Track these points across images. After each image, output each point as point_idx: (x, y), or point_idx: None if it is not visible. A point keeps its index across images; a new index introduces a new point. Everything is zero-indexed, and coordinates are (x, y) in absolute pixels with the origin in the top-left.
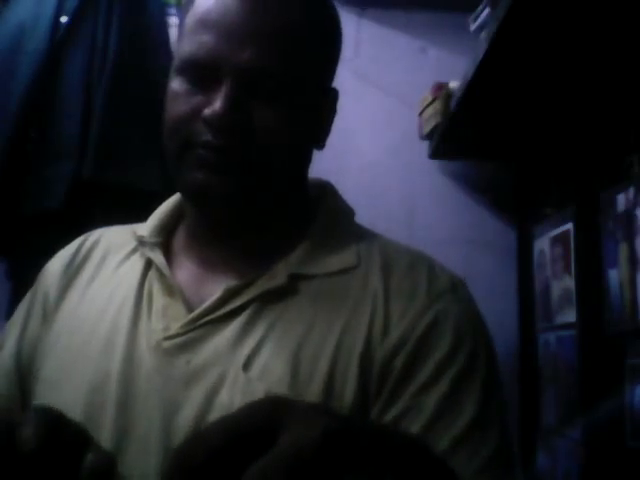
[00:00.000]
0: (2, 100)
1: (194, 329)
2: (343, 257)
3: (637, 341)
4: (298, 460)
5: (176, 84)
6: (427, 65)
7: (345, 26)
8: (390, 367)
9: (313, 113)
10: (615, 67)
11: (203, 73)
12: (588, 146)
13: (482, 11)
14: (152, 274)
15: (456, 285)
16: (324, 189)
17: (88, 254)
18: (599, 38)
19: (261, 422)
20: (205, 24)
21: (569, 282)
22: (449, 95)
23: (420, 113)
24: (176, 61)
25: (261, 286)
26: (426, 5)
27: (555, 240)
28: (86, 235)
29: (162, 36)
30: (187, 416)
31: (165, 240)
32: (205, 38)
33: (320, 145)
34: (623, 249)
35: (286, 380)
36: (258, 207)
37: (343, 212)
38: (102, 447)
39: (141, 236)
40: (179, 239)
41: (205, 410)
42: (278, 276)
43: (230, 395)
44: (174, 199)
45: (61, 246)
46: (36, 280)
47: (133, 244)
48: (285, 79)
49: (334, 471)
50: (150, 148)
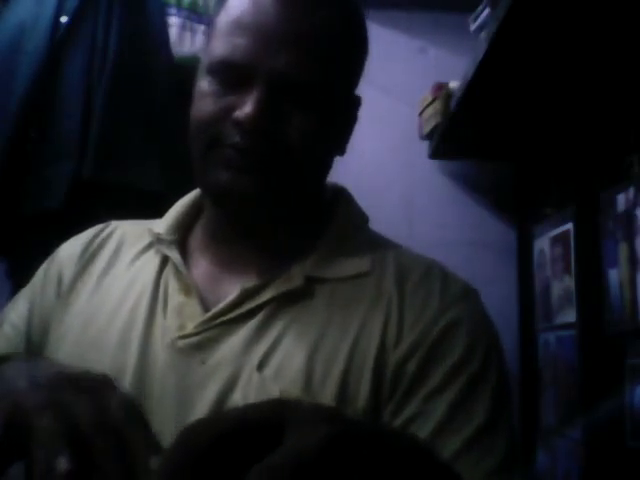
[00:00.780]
0: (2, 100)
1: (209, 329)
2: (358, 262)
3: (637, 341)
4: (304, 460)
5: (206, 84)
6: (427, 65)
7: None
8: (402, 371)
9: (340, 121)
10: (615, 67)
11: (235, 75)
12: (588, 146)
13: (482, 11)
14: (168, 271)
15: (469, 293)
16: (340, 194)
17: (103, 243)
18: (599, 38)
19: (268, 417)
20: (240, 26)
21: (569, 282)
22: (449, 95)
23: (420, 113)
24: (206, 61)
25: (277, 288)
26: (426, 5)
27: (555, 240)
28: (102, 225)
29: (162, 36)
30: (200, 415)
31: (181, 238)
32: (240, 40)
33: (342, 152)
34: (623, 249)
35: (300, 382)
36: (279, 209)
37: (358, 218)
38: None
39: (158, 233)
40: (196, 237)
41: (219, 409)
42: (294, 278)
43: (244, 395)
44: (190, 197)
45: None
46: (46, 262)
47: (148, 239)
48: (317, 86)
49: (338, 473)
50: (150, 148)
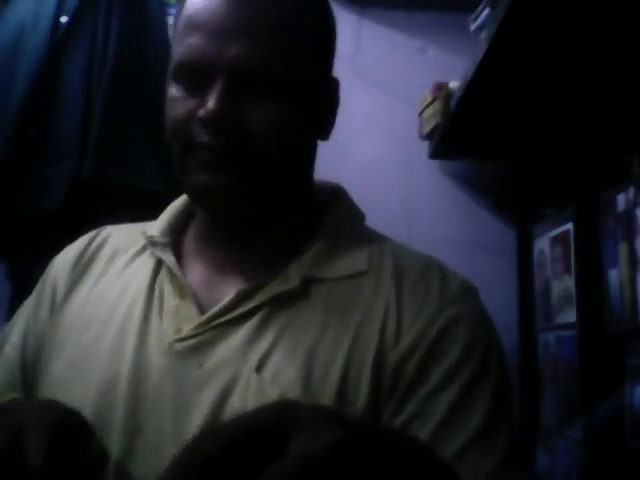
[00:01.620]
0: (2, 100)
1: (206, 331)
2: (354, 261)
3: (637, 341)
4: (311, 466)
5: (172, 90)
6: (427, 65)
7: (345, 26)
8: (402, 371)
9: (310, 106)
10: (615, 67)
11: (196, 75)
12: (588, 146)
13: (482, 11)
14: (163, 275)
15: (468, 291)
16: (335, 192)
17: (97, 250)
18: (599, 38)
19: (273, 422)
20: (193, 26)
21: (569, 282)
22: (449, 95)
23: (420, 113)
24: (170, 67)
25: (273, 289)
26: (426, 5)
27: (555, 240)
28: (95, 231)
29: (162, 36)
30: (199, 418)
31: (175, 241)
32: (193, 40)
33: (324, 137)
34: (623, 249)
35: (298, 383)
36: (263, 204)
37: (354, 215)
38: (100, 442)
39: (152, 236)
40: (189, 240)
41: (217, 412)
42: (291, 279)
43: (242, 397)
44: (183, 199)
45: (61, 246)
46: (44, 274)
47: (142, 243)
48: (276, 74)
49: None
50: (150, 148)
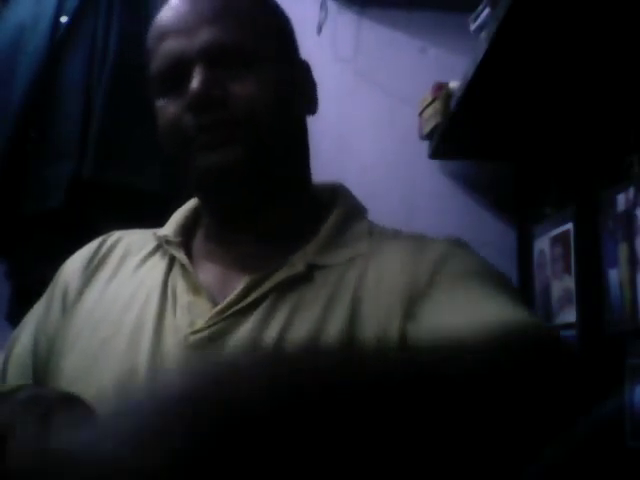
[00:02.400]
0: (2, 100)
1: (219, 321)
2: (355, 248)
3: (637, 341)
4: None
5: (159, 103)
6: (427, 65)
7: (345, 26)
8: (412, 301)
9: (286, 82)
10: (615, 67)
11: (176, 77)
12: (588, 146)
13: (482, 11)
14: (175, 273)
15: (459, 240)
16: (338, 190)
17: (108, 252)
18: (599, 38)
19: None
20: (159, 38)
21: (569, 282)
22: (449, 95)
23: (420, 113)
24: (151, 86)
25: (280, 276)
26: (426, 5)
27: (555, 240)
28: (106, 235)
29: None
30: None
31: (185, 242)
32: (166, 45)
33: (311, 111)
34: (623, 249)
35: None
36: (264, 179)
37: (357, 209)
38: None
39: (165, 235)
40: (197, 242)
41: None
42: (296, 265)
43: None
44: (190, 203)
45: (61, 246)
46: (53, 279)
47: (153, 245)
48: (246, 49)
49: None
50: (150, 148)
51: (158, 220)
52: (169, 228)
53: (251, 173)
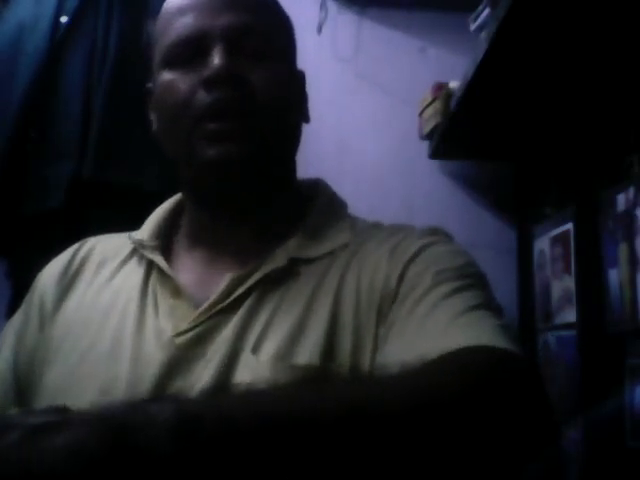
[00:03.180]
0: (2, 100)
1: (204, 322)
2: (337, 241)
3: (637, 341)
4: None
5: (166, 76)
6: (427, 65)
7: (345, 26)
8: (387, 299)
9: (291, 83)
10: (615, 67)
11: (192, 48)
12: (588, 146)
13: (482, 11)
14: (154, 277)
15: (437, 229)
16: (317, 185)
17: (84, 260)
18: (599, 38)
19: None
20: (180, 11)
21: (569, 282)
22: (449, 95)
23: (420, 113)
24: (159, 56)
25: (262, 271)
26: (426, 5)
27: (555, 240)
28: (80, 243)
29: None
30: None
31: (164, 242)
32: (185, 20)
33: (305, 120)
34: (623, 249)
35: (288, 358)
36: (265, 173)
37: (336, 204)
38: None
39: (140, 240)
40: (178, 243)
41: None
42: (278, 260)
43: (242, 379)
44: (169, 204)
45: (61, 246)
46: (30, 288)
47: (129, 248)
48: (266, 37)
49: None
50: (150, 148)
51: None
52: (145, 231)
53: (252, 170)
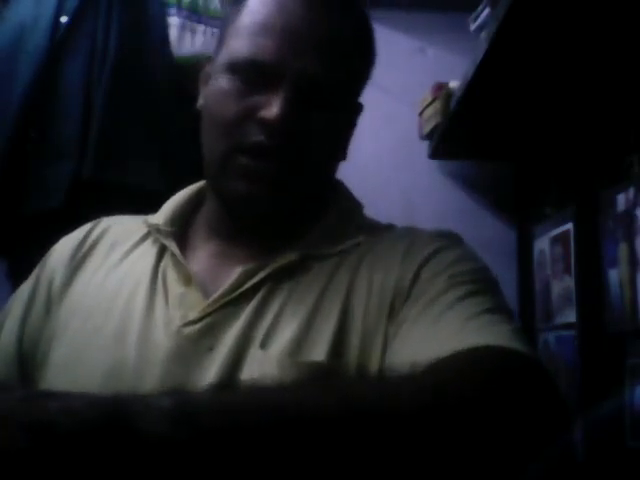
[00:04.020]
0: (2, 100)
1: (212, 313)
2: (350, 238)
3: (637, 341)
4: None
5: (226, 82)
6: (427, 65)
7: None
8: (399, 297)
9: (349, 125)
10: (615, 67)
11: (261, 75)
12: (588, 146)
13: (482, 11)
14: (166, 262)
15: (451, 233)
16: (336, 186)
17: (97, 240)
18: (599, 38)
19: None
20: (265, 27)
21: (569, 282)
22: (449, 95)
23: (420, 113)
24: (226, 59)
25: (274, 265)
26: (426, 5)
27: (555, 240)
28: (94, 222)
29: (162, 36)
30: None
31: (180, 231)
32: (266, 41)
33: (344, 157)
34: (623, 249)
35: (297, 353)
36: (290, 209)
37: (353, 205)
38: None
39: (156, 224)
40: (194, 231)
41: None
42: (290, 255)
43: (249, 374)
44: (188, 191)
45: None
46: (40, 263)
47: (143, 232)
48: (339, 90)
49: None
50: (150, 148)
51: None
52: (161, 216)
53: (288, 204)
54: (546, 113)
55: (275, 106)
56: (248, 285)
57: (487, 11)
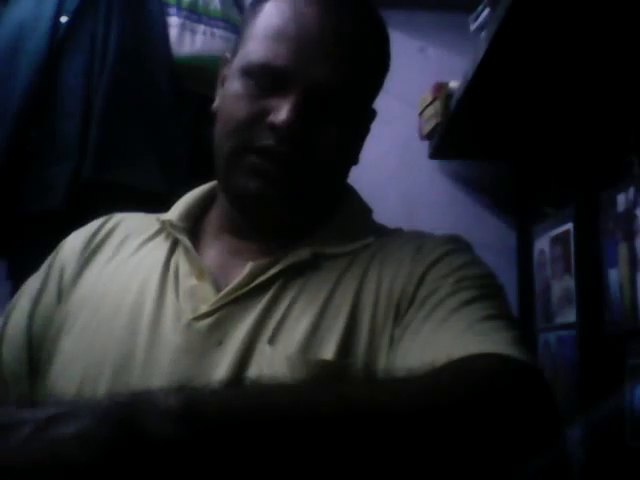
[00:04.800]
0: (2, 100)
1: (223, 307)
2: (360, 239)
3: (637, 341)
4: None
5: (239, 85)
6: (427, 65)
7: None
8: (405, 301)
9: (361, 133)
10: (615, 67)
11: (273, 79)
12: (588, 146)
13: (482, 11)
14: (178, 256)
15: (459, 238)
16: (347, 190)
17: (109, 233)
18: (599, 38)
19: None
20: (279, 32)
21: (569, 282)
22: (449, 95)
23: (420, 113)
24: (240, 62)
25: (286, 262)
26: (426, 5)
27: (555, 240)
28: (106, 217)
29: (162, 36)
30: None
31: (192, 228)
32: (280, 46)
33: (356, 161)
34: (623, 249)
35: (305, 350)
36: (301, 211)
37: (362, 209)
38: None
39: (169, 220)
40: (206, 229)
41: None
42: (302, 253)
43: (257, 370)
44: (202, 190)
45: None
46: (51, 255)
47: (155, 228)
48: (351, 97)
49: None
50: (150, 148)
51: None
52: (174, 213)
53: (298, 207)
54: (546, 113)
55: (284, 111)
56: (260, 280)
57: (487, 11)
